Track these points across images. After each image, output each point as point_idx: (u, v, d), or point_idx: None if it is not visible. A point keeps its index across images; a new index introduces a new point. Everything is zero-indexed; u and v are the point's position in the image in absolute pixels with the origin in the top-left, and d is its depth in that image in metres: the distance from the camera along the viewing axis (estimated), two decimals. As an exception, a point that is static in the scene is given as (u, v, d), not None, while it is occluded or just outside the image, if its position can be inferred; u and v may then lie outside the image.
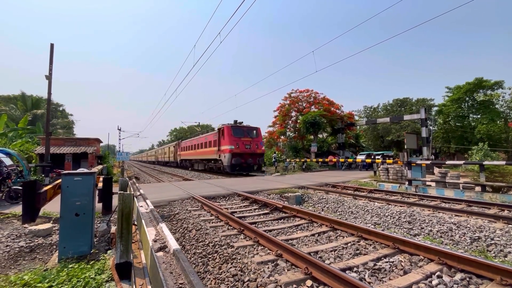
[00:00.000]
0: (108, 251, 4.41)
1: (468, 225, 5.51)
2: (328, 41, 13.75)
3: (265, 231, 5.51)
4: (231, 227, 6.06)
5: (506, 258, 4.20)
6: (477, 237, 4.96)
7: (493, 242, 4.73)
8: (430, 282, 3.38)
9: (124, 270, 3.07)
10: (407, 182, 12.03)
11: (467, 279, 3.44)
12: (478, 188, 9.78)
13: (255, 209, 8.07)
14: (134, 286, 2.82)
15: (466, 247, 4.72)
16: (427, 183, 11.80)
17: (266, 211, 7.64)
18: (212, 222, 6.56)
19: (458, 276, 3.50)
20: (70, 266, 3.70)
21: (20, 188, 8.51)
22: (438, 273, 3.58)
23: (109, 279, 3.28)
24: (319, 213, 7.21)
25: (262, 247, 4.75)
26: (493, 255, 4.36)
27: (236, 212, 7.54)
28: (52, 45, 13.11)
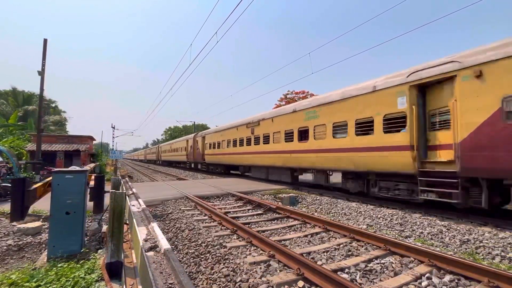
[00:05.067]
0: (99, 250, 4.36)
1: (458, 228, 5.60)
2: (325, 43, 13.84)
3: (258, 231, 5.51)
4: (224, 227, 6.04)
5: (494, 261, 4.28)
6: (466, 240, 5.04)
7: (481, 244, 4.82)
8: (420, 283, 3.42)
9: (115, 270, 3.05)
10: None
11: (456, 280, 3.50)
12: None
13: (249, 209, 8.07)
14: (124, 286, 2.79)
15: (455, 249, 4.80)
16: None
17: (260, 212, 7.64)
18: (206, 222, 6.53)
19: (447, 277, 3.56)
20: (60, 265, 3.64)
21: (9, 185, 8.35)
22: (427, 274, 3.62)
23: (99, 278, 3.24)
24: (312, 214, 7.24)
25: (255, 248, 4.75)
26: (482, 257, 4.44)
27: (229, 212, 7.52)
28: (45, 40, 12.92)
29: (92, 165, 13.87)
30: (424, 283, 3.42)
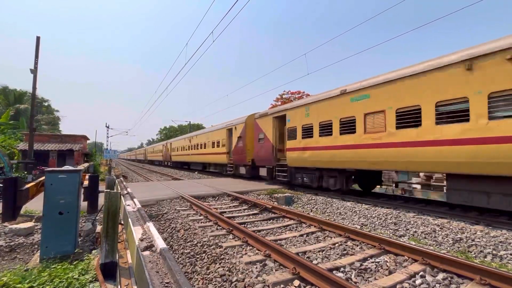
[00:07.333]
0: (93, 251, 4.31)
1: (451, 227, 5.69)
2: (322, 44, 14.01)
3: (254, 231, 5.51)
4: (220, 227, 6.03)
5: (485, 259, 4.36)
6: (459, 238, 5.12)
7: (473, 243, 4.90)
8: (414, 281, 3.47)
9: (109, 270, 3.01)
10: (394, 185, 12.31)
11: (449, 278, 3.56)
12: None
13: (244, 209, 8.07)
14: (119, 286, 2.76)
15: (448, 248, 4.87)
16: (413, 185, 12.12)
17: (256, 212, 7.64)
18: (201, 222, 6.51)
19: (440, 276, 3.61)
20: (53, 266, 3.58)
21: (1, 185, 8.19)
22: (421, 273, 3.67)
23: (93, 279, 3.20)
24: (308, 213, 7.27)
25: (250, 247, 4.75)
26: (474, 255, 4.51)
27: (225, 212, 7.51)
28: (38, 38, 12.71)
29: (86, 164, 13.70)
30: (418, 281, 3.46)
